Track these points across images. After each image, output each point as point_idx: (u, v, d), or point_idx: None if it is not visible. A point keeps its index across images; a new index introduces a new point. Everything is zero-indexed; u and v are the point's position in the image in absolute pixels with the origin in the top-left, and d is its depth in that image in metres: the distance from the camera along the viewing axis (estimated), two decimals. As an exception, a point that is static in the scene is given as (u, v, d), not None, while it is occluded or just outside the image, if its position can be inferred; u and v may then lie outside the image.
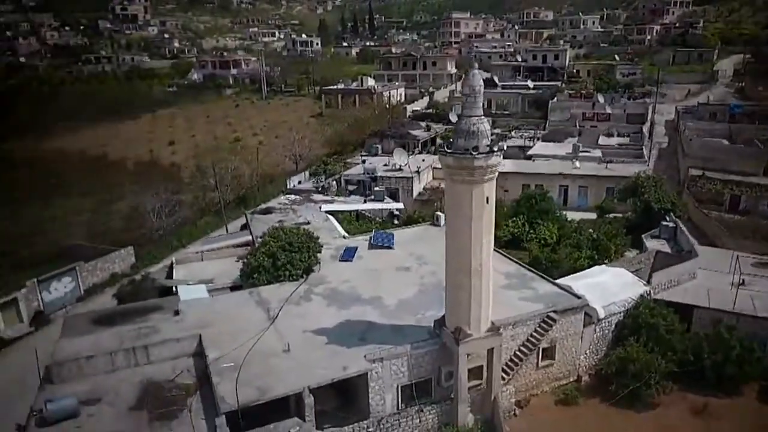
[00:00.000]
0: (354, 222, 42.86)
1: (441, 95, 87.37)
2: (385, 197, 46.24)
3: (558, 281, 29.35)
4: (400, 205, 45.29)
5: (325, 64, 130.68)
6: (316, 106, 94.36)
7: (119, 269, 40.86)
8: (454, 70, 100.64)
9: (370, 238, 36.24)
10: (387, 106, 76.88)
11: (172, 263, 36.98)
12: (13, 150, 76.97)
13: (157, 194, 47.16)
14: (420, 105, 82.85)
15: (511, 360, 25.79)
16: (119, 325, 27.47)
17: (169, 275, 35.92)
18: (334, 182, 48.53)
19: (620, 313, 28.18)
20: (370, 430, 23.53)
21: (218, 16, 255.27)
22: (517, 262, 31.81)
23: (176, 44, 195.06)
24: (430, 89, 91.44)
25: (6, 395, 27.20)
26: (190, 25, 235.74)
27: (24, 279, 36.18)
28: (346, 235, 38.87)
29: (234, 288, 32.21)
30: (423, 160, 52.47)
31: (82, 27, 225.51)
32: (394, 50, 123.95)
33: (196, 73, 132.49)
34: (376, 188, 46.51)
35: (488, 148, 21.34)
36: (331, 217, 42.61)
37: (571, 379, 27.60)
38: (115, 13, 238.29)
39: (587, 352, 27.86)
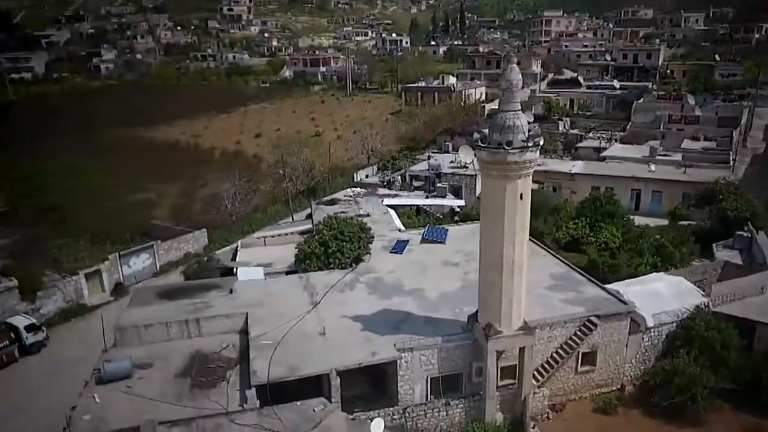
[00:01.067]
0: (413, 216, 43.29)
1: (523, 94, 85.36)
2: (448, 194, 46.26)
3: (607, 286, 28.27)
4: (461, 202, 45.15)
5: (410, 63, 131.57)
6: (396, 104, 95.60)
7: (192, 249, 43.83)
8: (538, 70, 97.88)
9: (424, 232, 36.55)
10: (462, 104, 76.46)
11: (237, 246, 39.28)
12: (118, 138, 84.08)
13: (234, 182, 49.99)
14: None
15: (546, 362, 25.27)
16: (179, 299, 29.72)
17: (234, 257, 38.21)
18: (399, 177, 49.21)
19: (672, 323, 26.71)
20: (395, 417, 23.97)
21: (316, 15, 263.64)
22: (567, 264, 30.93)
23: (274, 43, 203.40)
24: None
25: (83, 355, 30.02)
26: (289, 25, 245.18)
27: (108, 253, 39.89)
28: (402, 228, 39.46)
29: (289, 272, 33.66)
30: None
31: (192, 27, 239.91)
32: (481, 49, 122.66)
33: (288, 71, 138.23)
34: (439, 184, 46.64)
35: (523, 144, 21.01)
36: (391, 210, 43.33)
37: (614, 388, 26.55)
38: (222, 13, 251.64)
39: (633, 361, 26.66)
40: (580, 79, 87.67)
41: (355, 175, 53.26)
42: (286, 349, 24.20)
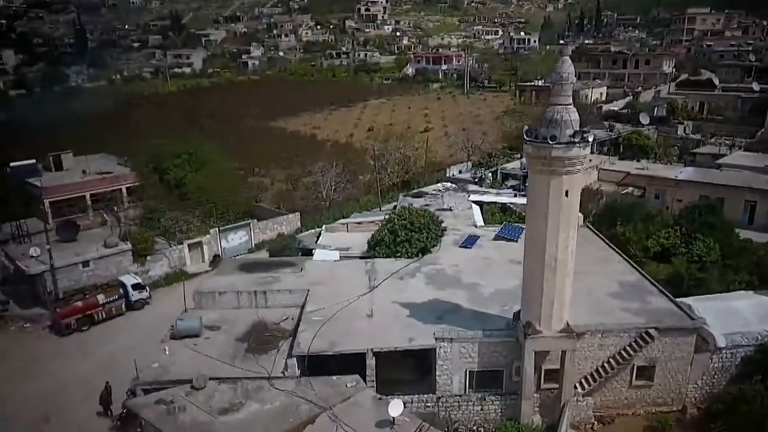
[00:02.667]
0: (497, 214, 42.69)
1: (648, 95, 79.63)
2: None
3: (681, 299, 26.18)
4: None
5: (533, 61, 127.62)
6: (512, 102, 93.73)
7: (285, 230, 46.81)
8: (670, 70, 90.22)
9: (499, 229, 36.11)
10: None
11: (321, 231, 41.43)
12: (250, 127, 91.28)
13: (331, 172, 52.53)
14: (618, 105, 76.87)
15: (596, 370, 24.10)
16: (255, 273, 32.30)
17: (317, 240, 40.37)
18: (490, 174, 48.62)
19: (750, 345, 24.15)
20: (428, 405, 24.30)
21: (448, 15, 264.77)
22: (641, 273, 29.02)
23: (405, 41, 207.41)
24: (638, 88, 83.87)
25: (177, 315, 33.37)
26: (421, 24, 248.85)
27: (212, 228, 43.96)
28: (482, 224, 39.25)
29: (363, 257, 34.98)
30: (590, 160, 49.23)
31: (331, 26, 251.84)
32: (612, 48, 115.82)
33: (410, 68, 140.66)
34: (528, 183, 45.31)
35: (570, 139, 20.31)
36: (475, 206, 43.09)
37: (674, 408, 24.66)
38: (360, 13, 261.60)
39: (698, 382, 24.51)
40: (715, 80, 79.66)
41: (447, 170, 53.49)
42: (333, 326, 25.49)
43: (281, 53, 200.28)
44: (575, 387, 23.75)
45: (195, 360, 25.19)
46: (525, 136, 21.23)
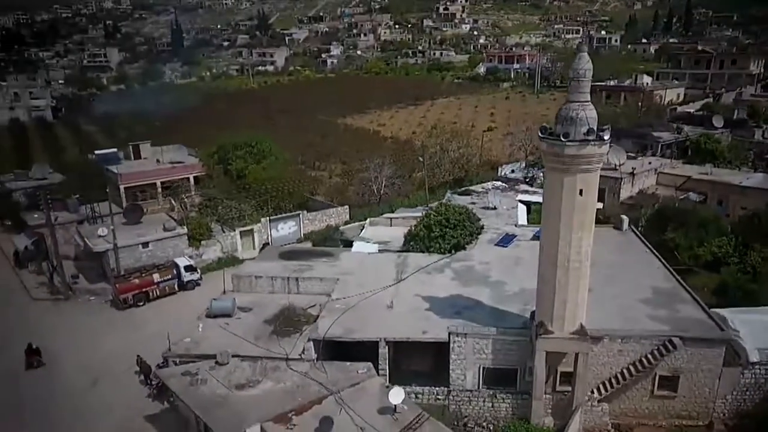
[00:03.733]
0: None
1: (729, 98, 74.49)
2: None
3: (717, 310, 24.84)
4: (598, 205, 42.04)
5: (611, 61, 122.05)
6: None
7: (334, 222, 48.02)
8: (758, 70, 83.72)
9: (538, 230, 35.46)
10: (639, 104, 69.39)
11: (364, 224, 42.31)
12: (320, 122, 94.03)
13: (383, 167, 53.34)
14: (694, 107, 72.41)
15: (614, 376, 23.37)
16: (292, 260, 33.61)
17: (360, 233, 41.28)
18: (541, 174, 47.53)
19: (787, 363, 22.58)
20: (439, 397, 24.50)
21: (528, 13, 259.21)
22: (678, 280, 27.66)
23: (481, 41, 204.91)
24: (721, 90, 78.63)
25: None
26: (500, 23, 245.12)
27: (262, 217, 45.92)
28: (523, 223, 38.80)
29: (399, 251, 35.52)
30: (649, 163, 47.09)
31: (409, 25, 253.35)
32: (699, 47, 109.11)
33: (482, 67, 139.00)
34: (579, 185, 43.97)
35: (584, 137, 19.90)
36: (521, 205, 42.55)
37: (700, 423, 23.48)
38: (438, 12, 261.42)
39: (728, 397, 23.18)
40: (806, 81, 73.59)
41: (499, 169, 52.86)
42: (353, 315, 26.25)
43: (359, 52, 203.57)
44: (591, 392, 23.19)
45: (224, 338, 26.64)
46: (540, 133, 20.99)
